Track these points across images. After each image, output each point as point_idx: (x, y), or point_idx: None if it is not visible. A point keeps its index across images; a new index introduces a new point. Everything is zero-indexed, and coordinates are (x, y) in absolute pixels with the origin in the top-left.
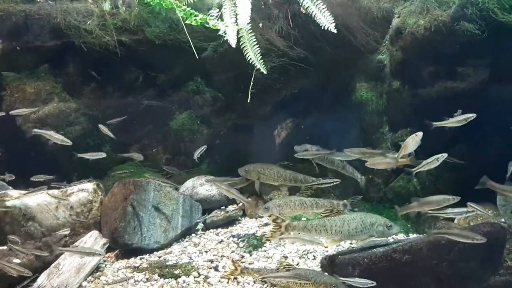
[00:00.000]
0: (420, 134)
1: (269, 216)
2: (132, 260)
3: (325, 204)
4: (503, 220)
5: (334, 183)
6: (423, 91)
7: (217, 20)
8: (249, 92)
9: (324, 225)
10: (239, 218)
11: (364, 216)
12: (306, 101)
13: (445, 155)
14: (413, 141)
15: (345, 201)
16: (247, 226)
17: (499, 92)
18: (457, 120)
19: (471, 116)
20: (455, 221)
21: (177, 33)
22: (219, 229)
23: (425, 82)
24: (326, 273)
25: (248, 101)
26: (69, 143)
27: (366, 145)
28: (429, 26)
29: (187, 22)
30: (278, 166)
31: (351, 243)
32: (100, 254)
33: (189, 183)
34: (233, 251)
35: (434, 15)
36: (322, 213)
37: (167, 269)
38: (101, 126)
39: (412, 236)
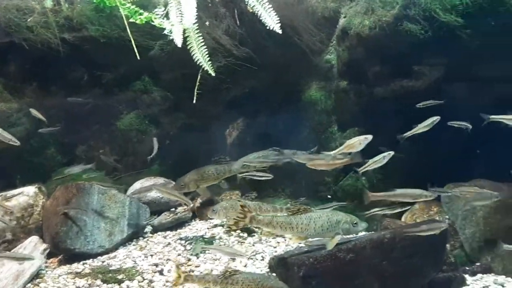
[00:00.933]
0: (369, 137)
1: (239, 202)
2: (74, 265)
3: (268, 208)
4: (447, 217)
5: (266, 177)
6: (369, 91)
7: (163, 18)
8: (195, 92)
9: (290, 223)
10: (189, 220)
11: (330, 214)
12: (257, 100)
13: (392, 153)
14: (360, 143)
15: (288, 205)
16: (196, 228)
17: (445, 92)
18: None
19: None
20: (402, 218)
21: (122, 31)
22: (168, 232)
23: (371, 82)
24: (273, 277)
25: (194, 101)
26: (17, 143)
27: (315, 145)
28: (373, 26)
29: (132, 20)
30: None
31: (299, 243)
32: (31, 259)
33: (137, 185)
34: (179, 254)
35: (378, 15)
36: (289, 211)
37: (110, 274)
38: (32, 110)
39: None
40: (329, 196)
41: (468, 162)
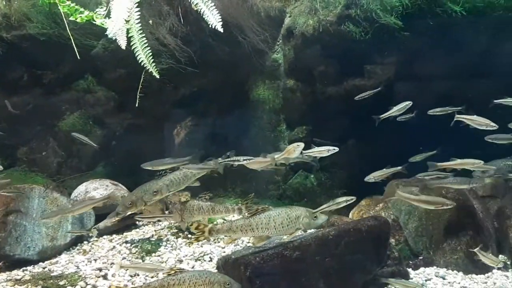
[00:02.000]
0: (301, 145)
1: (191, 225)
2: (14, 272)
3: (220, 209)
4: (391, 212)
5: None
6: (315, 90)
7: (106, 17)
8: (138, 94)
9: (250, 225)
10: (136, 223)
11: (289, 210)
12: (205, 100)
13: (336, 148)
14: (295, 150)
15: (239, 204)
16: (143, 230)
17: (392, 91)
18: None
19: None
20: (350, 215)
21: (63, 30)
22: (114, 235)
23: (317, 81)
24: (219, 273)
25: (137, 104)
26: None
27: (265, 143)
28: (317, 26)
29: (72, 18)
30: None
31: (248, 242)
32: None
33: (81, 187)
34: (124, 258)
35: (321, 15)
36: (248, 212)
37: (51, 281)
38: None
39: None
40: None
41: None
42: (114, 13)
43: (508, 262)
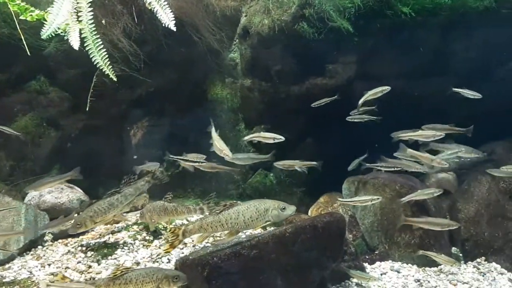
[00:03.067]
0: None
1: (168, 230)
2: None
3: (183, 210)
4: (348, 208)
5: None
6: (273, 89)
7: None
8: (90, 94)
9: (219, 220)
10: None
11: (257, 203)
12: (163, 99)
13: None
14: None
15: (201, 205)
16: (100, 233)
17: (344, 91)
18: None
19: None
20: (309, 212)
21: (14, 29)
22: (69, 239)
23: (274, 80)
24: (167, 269)
25: (88, 104)
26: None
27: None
28: (272, 25)
29: (22, 17)
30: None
31: (207, 242)
32: None
33: (35, 191)
34: (79, 262)
35: (276, 15)
36: (217, 209)
37: (3, 287)
38: None
39: None
40: None
41: (365, 157)
42: (51, 14)
43: (460, 254)
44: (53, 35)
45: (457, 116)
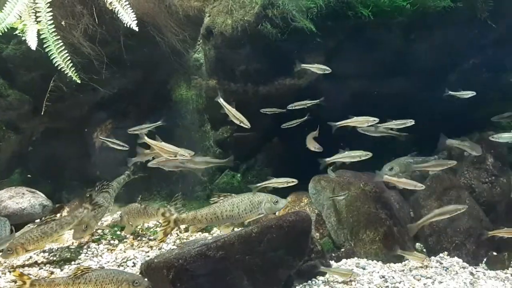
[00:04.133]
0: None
1: (158, 209)
2: None
3: (152, 212)
4: (315, 207)
5: None
6: (238, 89)
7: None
8: (47, 96)
9: (214, 213)
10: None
11: (251, 196)
12: (127, 101)
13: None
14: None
15: (168, 207)
16: (63, 238)
17: (313, 91)
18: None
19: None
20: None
21: None
22: None
23: (239, 80)
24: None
25: (44, 109)
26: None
27: (190, 144)
28: (235, 26)
29: None
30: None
31: (173, 244)
32: None
33: None
34: (41, 268)
35: (239, 15)
36: (211, 200)
37: None
38: None
39: None
40: None
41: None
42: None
43: (424, 250)
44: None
45: (418, 114)
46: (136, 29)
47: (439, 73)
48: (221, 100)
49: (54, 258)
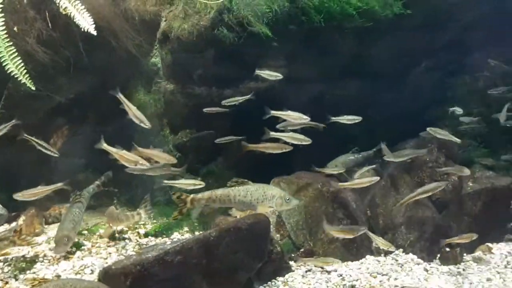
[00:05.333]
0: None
1: (173, 194)
2: None
3: (123, 218)
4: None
5: None
6: (195, 94)
7: None
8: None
9: (228, 195)
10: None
11: (266, 188)
12: (84, 106)
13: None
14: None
15: (138, 209)
16: (19, 247)
17: (276, 94)
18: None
19: None
20: (236, 214)
21: None
22: None
23: (197, 84)
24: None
25: None
26: None
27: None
28: (192, 30)
29: None
30: None
31: (133, 250)
32: None
33: None
34: None
35: (195, 20)
36: (228, 183)
37: None
38: None
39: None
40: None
41: (290, 158)
42: None
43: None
44: None
45: (373, 116)
46: (95, 33)
47: (393, 76)
48: (120, 96)
49: (9, 268)
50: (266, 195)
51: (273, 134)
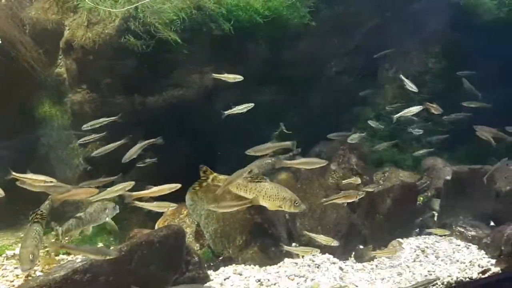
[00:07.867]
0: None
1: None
2: None
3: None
4: (194, 217)
5: None
6: (106, 103)
7: None
8: None
9: (246, 185)
10: None
11: (281, 188)
12: None
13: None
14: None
15: (57, 227)
16: None
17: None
18: None
19: None
20: (156, 225)
21: None
22: None
23: (106, 94)
24: None
25: None
26: None
27: (57, 163)
28: (97, 39)
29: None
30: None
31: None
32: None
33: None
34: None
35: (100, 28)
36: (250, 177)
37: None
38: None
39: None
40: None
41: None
42: None
43: None
44: None
45: (289, 119)
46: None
47: (305, 80)
48: None
49: None
50: (279, 195)
51: None
